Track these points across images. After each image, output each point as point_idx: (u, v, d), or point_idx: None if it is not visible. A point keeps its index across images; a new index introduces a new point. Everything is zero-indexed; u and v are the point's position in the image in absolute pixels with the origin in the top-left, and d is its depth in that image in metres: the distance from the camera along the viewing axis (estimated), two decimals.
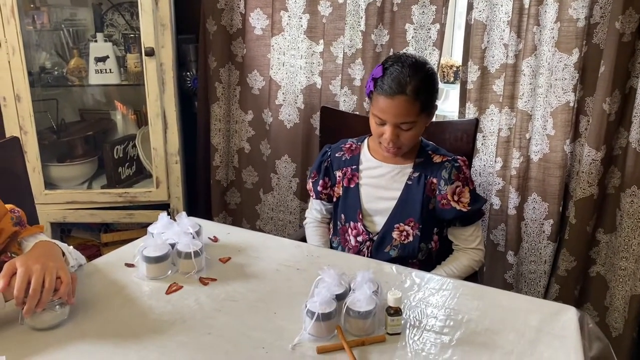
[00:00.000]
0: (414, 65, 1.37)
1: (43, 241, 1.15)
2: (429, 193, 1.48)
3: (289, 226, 2.41)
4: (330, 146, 1.63)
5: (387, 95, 1.35)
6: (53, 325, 1.05)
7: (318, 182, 1.61)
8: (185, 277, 1.24)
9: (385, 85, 1.35)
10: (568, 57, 1.81)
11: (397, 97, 1.34)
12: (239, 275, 1.26)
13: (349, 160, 1.56)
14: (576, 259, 1.96)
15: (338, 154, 1.59)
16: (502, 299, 1.20)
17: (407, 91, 1.34)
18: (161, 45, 2.13)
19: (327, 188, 1.61)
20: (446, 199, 1.45)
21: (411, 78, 1.34)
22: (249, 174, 2.45)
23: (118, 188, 2.31)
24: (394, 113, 1.36)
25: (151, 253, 1.22)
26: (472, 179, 1.51)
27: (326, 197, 1.62)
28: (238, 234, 1.48)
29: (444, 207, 1.46)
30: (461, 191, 1.46)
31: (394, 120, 1.37)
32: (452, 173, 1.46)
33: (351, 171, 1.55)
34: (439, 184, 1.46)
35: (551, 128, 1.89)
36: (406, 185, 1.48)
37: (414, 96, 1.35)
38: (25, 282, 1.01)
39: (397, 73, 1.35)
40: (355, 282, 1.07)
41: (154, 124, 2.20)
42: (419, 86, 1.35)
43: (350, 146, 1.59)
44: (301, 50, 2.19)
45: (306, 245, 1.48)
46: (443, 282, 1.26)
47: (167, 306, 1.14)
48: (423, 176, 1.48)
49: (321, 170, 1.61)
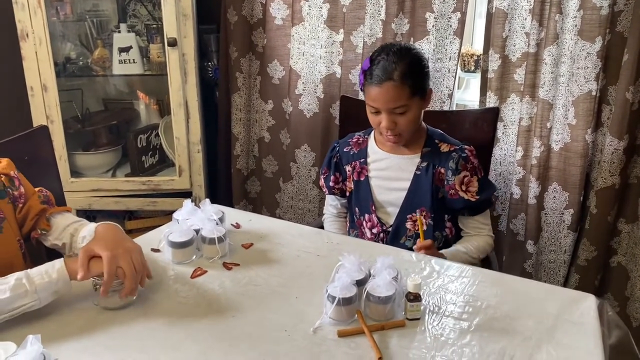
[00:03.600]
0: (399, 52, 1.42)
1: (105, 224, 1.18)
2: (438, 183, 1.49)
3: (308, 215, 2.43)
4: (339, 141, 1.66)
5: (376, 83, 1.40)
6: (124, 306, 1.10)
7: (329, 178, 1.63)
8: (209, 262, 1.27)
9: (374, 75, 1.41)
10: (591, 45, 1.79)
11: (385, 84, 1.39)
12: (261, 260, 1.29)
13: (357, 154, 1.58)
14: (597, 248, 1.95)
15: (346, 148, 1.61)
16: (521, 286, 1.21)
17: (394, 77, 1.38)
18: (183, 35, 2.16)
19: (339, 183, 1.63)
20: (454, 189, 1.46)
21: (397, 64, 1.39)
22: (269, 163, 2.47)
23: (141, 176, 2.34)
24: (385, 99, 1.40)
25: (177, 238, 1.26)
26: (480, 168, 1.51)
27: (339, 191, 1.65)
28: (259, 221, 1.51)
29: (452, 197, 1.47)
30: (469, 181, 1.47)
31: (386, 106, 1.41)
32: (459, 163, 1.47)
33: (360, 164, 1.57)
34: (447, 174, 1.48)
35: (572, 117, 1.88)
36: (415, 175, 1.50)
37: (402, 80, 1.39)
38: (115, 267, 1.05)
39: (383, 62, 1.41)
40: (375, 268, 1.09)
41: (176, 114, 2.23)
42: (405, 70, 1.39)
43: (358, 140, 1.60)
44: (321, 39, 2.19)
45: (326, 232, 1.50)
46: (462, 269, 1.27)
47: (192, 290, 1.17)
48: (431, 166, 1.49)
49: (331, 166, 1.63)
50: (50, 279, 1.03)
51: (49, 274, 1.04)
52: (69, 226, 1.24)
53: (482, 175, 1.50)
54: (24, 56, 2.10)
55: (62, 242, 1.23)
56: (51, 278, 1.04)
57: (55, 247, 1.24)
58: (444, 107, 2.06)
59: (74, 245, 1.22)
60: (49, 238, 1.24)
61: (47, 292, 1.04)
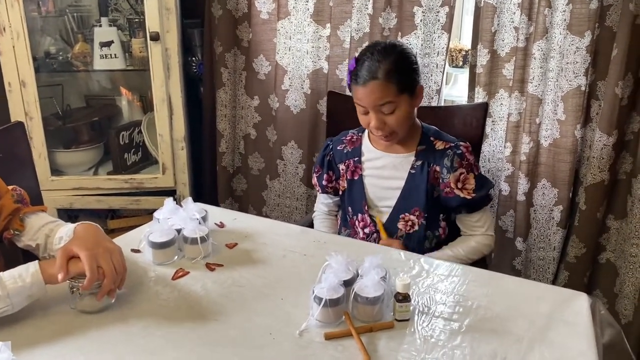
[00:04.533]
0: (383, 50, 1.39)
1: (85, 224, 1.13)
2: (433, 181, 1.46)
3: (295, 212, 2.40)
4: (332, 139, 1.62)
5: (361, 84, 1.37)
6: (102, 309, 1.06)
7: (322, 176, 1.60)
8: (191, 263, 1.23)
9: (359, 75, 1.38)
10: (580, 40, 1.77)
11: (370, 83, 1.36)
12: (246, 261, 1.25)
13: (350, 153, 1.55)
14: (586, 245, 1.94)
15: (340, 146, 1.57)
16: (512, 285, 1.19)
17: (378, 75, 1.35)
18: (166, 29, 2.11)
19: (332, 182, 1.60)
20: (449, 187, 1.43)
21: (381, 63, 1.36)
22: (255, 160, 2.43)
23: (124, 174, 2.29)
24: (371, 99, 1.37)
25: (157, 238, 1.22)
26: (477, 164, 1.48)
27: (332, 190, 1.62)
28: (244, 220, 1.47)
29: (447, 195, 1.44)
30: (465, 178, 1.44)
31: (372, 105, 1.38)
32: (455, 160, 1.44)
33: (354, 163, 1.53)
34: (442, 172, 1.45)
35: (562, 113, 1.86)
36: (409, 174, 1.47)
37: (387, 78, 1.36)
38: (96, 266, 1.01)
39: (368, 61, 1.38)
40: (363, 268, 1.06)
41: (159, 110, 2.18)
42: (390, 68, 1.36)
43: (351, 138, 1.57)
44: (307, 34, 2.16)
45: (313, 231, 1.47)
46: (452, 268, 1.24)
47: (174, 292, 1.13)
48: (426, 164, 1.46)
49: (324, 165, 1.60)
50: (24, 283, 0.99)
51: (23, 278, 0.99)
52: (44, 226, 1.19)
53: (479, 172, 1.47)
54: (1, 51, 2.03)
55: (36, 243, 1.18)
56: (25, 282, 0.99)
57: (29, 248, 1.19)
58: (432, 103, 2.03)
59: (49, 247, 1.17)
60: (22, 239, 1.19)
61: (20, 296, 0.99)
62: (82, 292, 1.03)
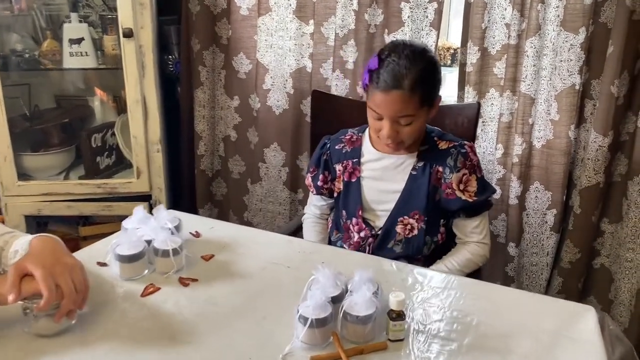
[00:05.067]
0: (412, 55, 1.25)
1: (42, 236, 1.03)
2: (435, 183, 1.37)
3: (278, 218, 2.30)
4: (330, 137, 1.51)
5: (383, 90, 1.25)
6: (61, 331, 0.95)
7: (318, 176, 1.50)
8: (163, 278, 1.12)
9: (381, 79, 1.25)
10: (574, 36, 1.70)
11: (393, 92, 1.24)
12: (223, 274, 1.15)
13: (349, 153, 1.45)
14: (580, 250, 1.87)
15: (338, 146, 1.47)
16: (513, 299, 1.10)
17: (403, 85, 1.23)
18: (140, 25, 1.99)
19: (328, 182, 1.50)
20: (451, 187, 1.35)
21: (408, 71, 1.23)
22: (236, 164, 2.33)
23: (96, 179, 2.18)
24: (391, 109, 1.26)
25: (125, 251, 1.10)
26: (480, 166, 1.40)
27: (327, 191, 1.51)
28: (222, 229, 1.36)
29: (448, 196, 1.35)
30: (468, 179, 1.35)
31: (391, 115, 1.27)
32: (458, 160, 1.35)
33: (352, 164, 1.43)
34: (445, 172, 1.36)
35: (555, 112, 1.79)
36: (410, 176, 1.37)
37: (411, 90, 1.23)
38: (54, 285, 0.90)
39: (393, 65, 1.24)
40: (353, 283, 0.96)
41: (133, 111, 2.07)
42: (416, 79, 1.24)
43: (351, 137, 1.47)
44: (290, 31, 2.06)
45: (298, 240, 1.36)
46: (448, 280, 1.15)
47: (143, 310, 1.02)
48: (428, 165, 1.37)
49: (320, 164, 1.49)
50: None
51: None
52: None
53: (482, 175, 1.38)
54: None
55: None
56: None
57: None
58: None
59: (3, 261, 1.06)
60: None
61: None
62: (37, 313, 0.92)
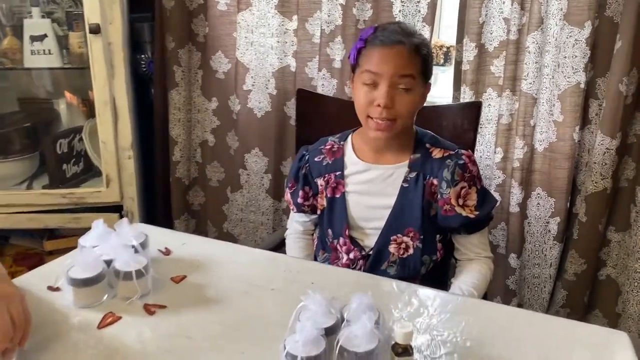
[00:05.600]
0: (407, 28, 1.18)
1: None
2: (429, 197, 1.22)
3: (261, 228, 2.14)
4: (307, 148, 1.35)
5: (385, 44, 1.14)
6: None
7: (297, 193, 1.33)
8: (125, 305, 0.96)
9: (382, 36, 1.15)
10: (579, 31, 1.58)
11: (397, 46, 1.14)
12: (196, 300, 0.99)
13: (331, 165, 1.29)
14: (586, 261, 1.75)
15: (317, 157, 1.31)
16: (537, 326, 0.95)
17: (406, 42, 1.14)
18: (109, 21, 1.83)
19: (309, 199, 1.34)
20: (449, 204, 1.20)
21: (408, 35, 1.15)
22: (215, 170, 2.17)
23: (62, 188, 2.00)
24: (393, 63, 1.13)
25: (80, 274, 0.94)
26: (480, 176, 1.25)
27: (309, 208, 1.35)
28: (196, 245, 1.19)
29: (447, 213, 1.20)
30: (467, 193, 1.20)
31: (393, 71, 1.12)
32: (456, 172, 1.20)
33: (335, 178, 1.28)
34: (441, 185, 1.20)
35: (559, 113, 1.67)
36: (402, 188, 1.22)
37: (415, 50, 1.14)
38: None
39: (393, 27, 1.17)
40: (350, 311, 0.81)
41: (101, 114, 1.90)
42: (418, 42, 1.15)
43: (332, 147, 1.31)
44: (272, 27, 1.92)
45: (283, 257, 1.20)
46: (457, 302, 1.00)
47: (100, 345, 0.86)
48: (421, 176, 1.22)
49: (299, 179, 1.33)
50: None
51: None
52: None
53: (481, 186, 1.24)
54: None
55: None
56: None
57: None
58: None
59: None
60: None
61: None
62: None
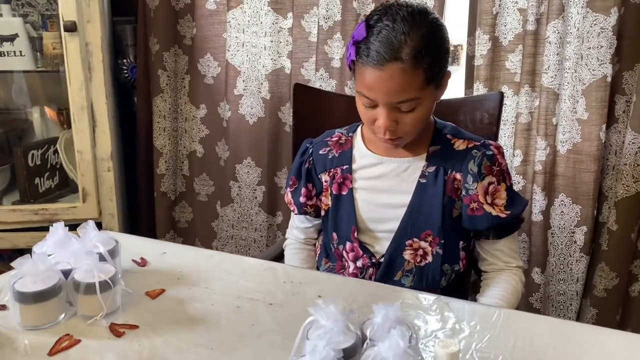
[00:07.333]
0: (411, 17, 0.95)
1: None
2: (452, 194, 1.05)
3: (253, 246, 1.98)
4: (312, 141, 1.19)
5: (375, 64, 0.93)
6: None
7: (299, 191, 1.17)
8: (86, 325, 0.77)
9: (372, 50, 0.94)
10: (605, 18, 1.45)
11: (390, 66, 0.93)
12: (176, 318, 0.80)
13: (337, 159, 1.13)
14: (618, 275, 1.57)
15: (323, 150, 1.15)
16: (607, 342, 0.77)
17: (402, 56, 0.92)
18: (86, 19, 1.68)
19: (312, 198, 1.17)
20: (477, 201, 1.03)
21: (407, 36, 0.93)
22: (203, 184, 2.02)
23: (34, 204, 1.82)
24: (387, 89, 0.94)
25: (29, 287, 0.75)
26: (509, 172, 1.08)
27: (313, 209, 1.19)
28: (178, 254, 1.01)
29: (474, 212, 1.03)
30: (496, 189, 1.04)
31: (387, 100, 0.95)
32: (484, 165, 1.03)
33: (342, 173, 1.11)
34: (466, 180, 1.04)
35: (583, 110, 1.52)
36: (419, 184, 1.05)
37: (414, 62, 0.93)
38: None
39: (388, 32, 0.94)
40: (374, 326, 0.63)
41: (78, 121, 1.73)
42: (419, 47, 0.93)
43: (339, 139, 1.15)
44: (265, 26, 1.80)
45: (282, 266, 1.02)
46: (499, 315, 0.82)
47: None
48: (442, 170, 1.05)
49: (302, 175, 1.17)
50: None
51: None
52: None
53: (510, 183, 1.07)
54: None
55: None
56: None
57: None
58: None
59: None
60: None
61: None
62: None
